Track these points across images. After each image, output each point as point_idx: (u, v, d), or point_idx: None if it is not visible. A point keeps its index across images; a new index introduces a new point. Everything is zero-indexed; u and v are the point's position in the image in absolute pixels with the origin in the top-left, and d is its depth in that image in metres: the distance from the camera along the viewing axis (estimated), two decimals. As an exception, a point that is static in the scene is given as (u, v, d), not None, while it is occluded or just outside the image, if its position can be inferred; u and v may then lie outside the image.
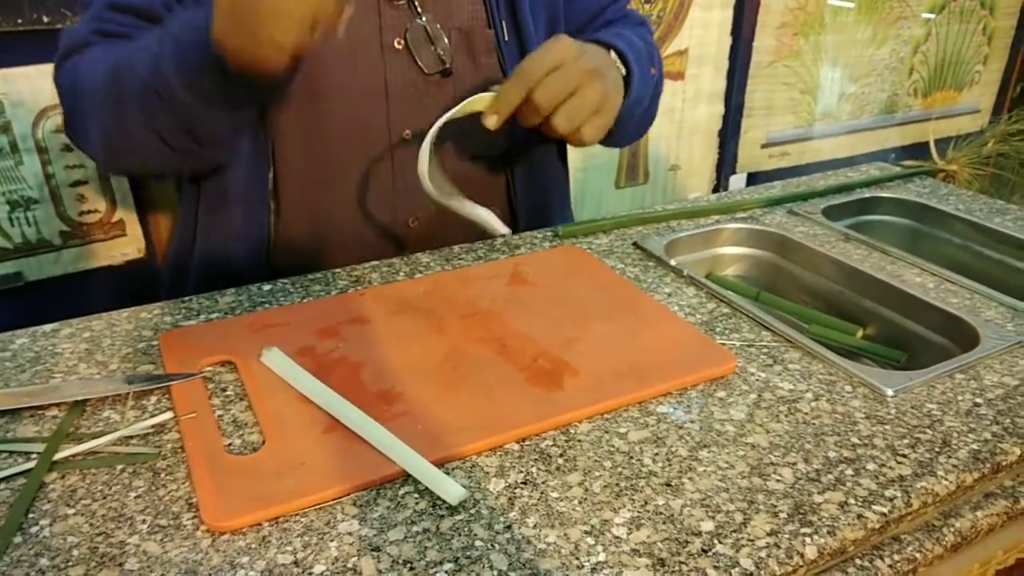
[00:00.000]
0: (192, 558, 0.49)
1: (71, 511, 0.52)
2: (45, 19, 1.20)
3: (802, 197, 1.09)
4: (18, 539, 0.50)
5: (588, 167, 1.80)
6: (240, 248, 0.91)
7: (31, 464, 0.56)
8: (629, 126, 0.96)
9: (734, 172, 2.06)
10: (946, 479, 0.56)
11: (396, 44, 0.88)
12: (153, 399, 0.64)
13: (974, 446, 0.60)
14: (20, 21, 1.19)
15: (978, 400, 0.65)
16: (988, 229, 1.01)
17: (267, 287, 0.82)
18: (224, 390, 0.65)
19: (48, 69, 0.83)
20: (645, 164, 1.90)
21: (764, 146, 2.08)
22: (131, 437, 0.59)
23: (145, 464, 0.57)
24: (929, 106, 2.33)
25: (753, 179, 2.13)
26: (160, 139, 0.76)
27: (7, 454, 0.58)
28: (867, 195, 1.10)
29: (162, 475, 0.56)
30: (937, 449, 0.59)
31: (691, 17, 1.77)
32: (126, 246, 1.41)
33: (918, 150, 1.18)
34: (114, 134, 0.78)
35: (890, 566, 0.52)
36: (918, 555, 0.53)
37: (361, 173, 0.91)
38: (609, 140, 0.96)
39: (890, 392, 0.65)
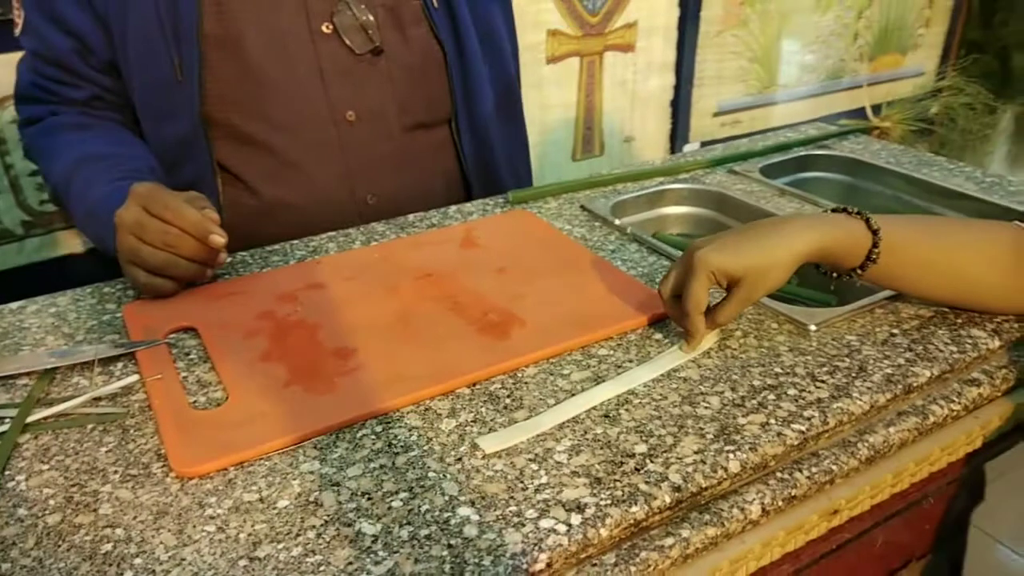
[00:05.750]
0: (163, 501, 0.52)
1: (45, 467, 0.56)
2: (-4, 10, 1.21)
3: (742, 157, 1.14)
4: (-4, 493, 0.53)
5: (545, 141, 1.84)
6: None
7: (4, 428, 0.59)
8: None
9: (687, 142, 2.11)
10: (860, 400, 0.61)
11: (325, 28, 0.90)
12: (119, 365, 0.67)
13: (888, 370, 0.65)
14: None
15: (894, 331, 0.71)
16: (915, 180, 1.06)
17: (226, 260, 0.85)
18: (187, 354, 0.68)
19: (3, 59, 0.87)
20: (600, 136, 1.94)
21: (716, 115, 2.13)
22: (100, 399, 0.62)
23: (115, 423, 0.60)
24: (875, 70, 2.40)
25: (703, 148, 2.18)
26: None
27: (-19, 420, 0.61)
28: (803, 153, 1.16)
29: (131, 431, 0.59)
30: (854, 374, 0.64)
31: (638, -11, 1.81)
32: (88, 234, 1.43)
33: (865, 114, 1.24)
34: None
35: (808, 477, 0.57)
36: (834, 467, 0.58)
37: (311, 158, 0.93)
38: None
39: (813, 327, 0.70)
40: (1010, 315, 0.72)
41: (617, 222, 0.92)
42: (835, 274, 0.69)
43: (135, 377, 0.64)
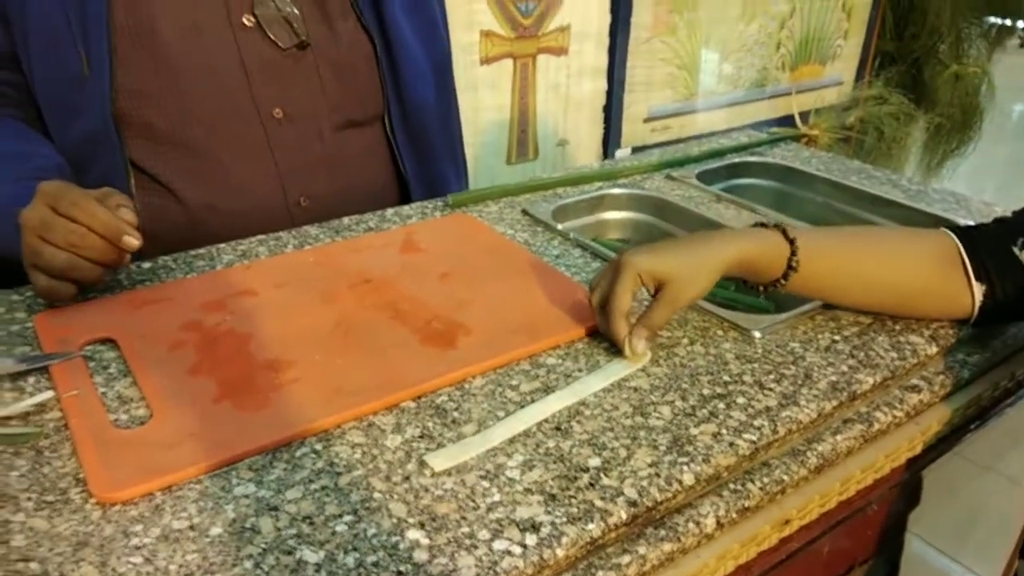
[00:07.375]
0: (83, 530, 0.48)
1: (-55, 496, 0.50)
2: None
3: (679, 163, 1.14)
4: None
5: (478, 143, 1.82)
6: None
7: None
8: None
9: (620, 147, 2.12)
10: (808, 408, 0.61)
11: (246, 21, 0.85)
12: (32, 380, 0.61)
13: (832, 378, 0.65)
14: None
15: (836, 337, 0.71)
16: (844, 187, 1.09)
17: (147, 265, 0.80)
18: (106, 368, 0.63)
19: None
20: (535, 140, 1.93)
21: (646, 120, 2.15)
22: (10, 418, 0.57)
23: (27, 444, 0.55)
24: (796, 79, 2.47)
25: (638, 153, 2.19)
26: None
27: None
28: (737, 160, 1.17)
29: (46, 453, 0.54)
30: (800, 382, 0.65)
31: (571, -7, 1.81)
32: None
33: (788, 121, 1.26)
34: None
35: (760, 488, 0.56)
36: (785, 477, 0.58)
37: (237, 159, 0.88)
38: None
39: (757, 333, 0.71)
40: (944, 320, 0.73)
41: (559, 227, 0.91)
42: (762, 287, 0.70)
43: (49, 393, 0.59)
